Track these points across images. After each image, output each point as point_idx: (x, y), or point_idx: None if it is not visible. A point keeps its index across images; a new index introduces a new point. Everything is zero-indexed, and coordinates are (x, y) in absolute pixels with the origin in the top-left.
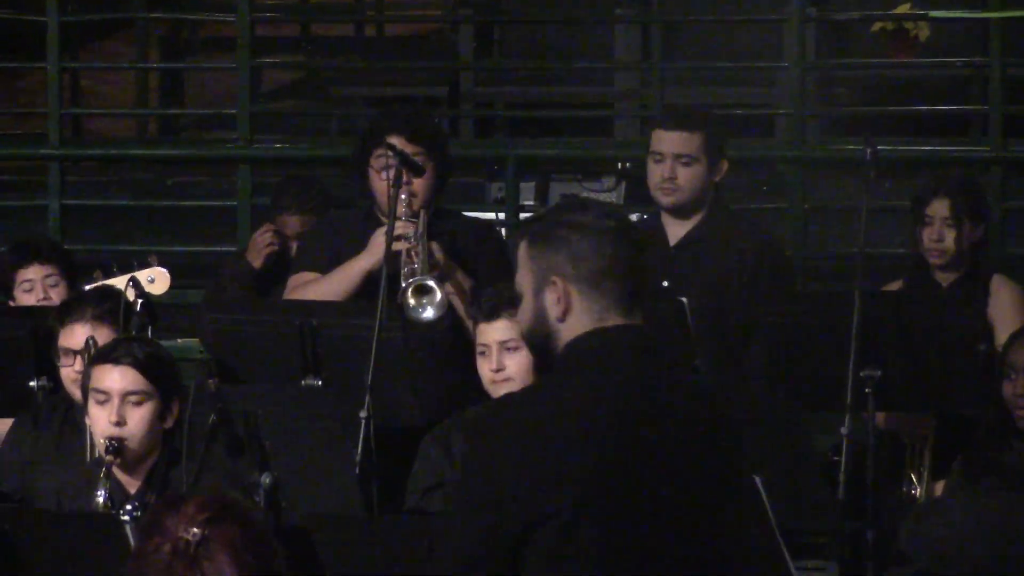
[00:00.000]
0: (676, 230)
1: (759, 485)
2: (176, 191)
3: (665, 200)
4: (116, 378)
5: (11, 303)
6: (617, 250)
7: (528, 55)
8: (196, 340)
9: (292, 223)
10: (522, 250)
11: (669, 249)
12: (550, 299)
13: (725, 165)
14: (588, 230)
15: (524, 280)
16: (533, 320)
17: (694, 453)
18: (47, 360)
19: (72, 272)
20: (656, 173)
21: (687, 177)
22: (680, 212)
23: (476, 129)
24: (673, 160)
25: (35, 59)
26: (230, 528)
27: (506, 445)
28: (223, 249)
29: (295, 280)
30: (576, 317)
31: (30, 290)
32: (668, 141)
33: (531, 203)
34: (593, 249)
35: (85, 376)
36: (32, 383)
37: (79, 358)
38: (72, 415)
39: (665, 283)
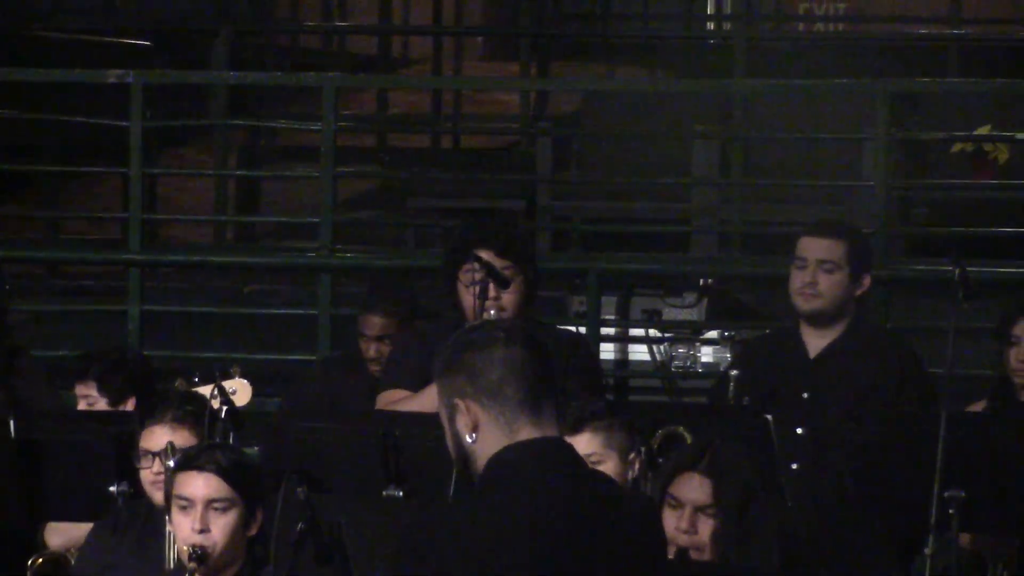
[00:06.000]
0: (816, 342)
1: None
2: (253, 299)
3: (805, 306)
4: (200, 485)
5: None
6: (508, 354)
7: (606, 170)
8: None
9: (374, 324)
10: (437, 387)
11: (809, 361)
12: (460, 423)
13: (868, 280)
14: (480, 346)
15: (441, 413)
16: (454, 448)
17: (618, 564)
18: (128, 465)
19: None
20: (797, 279)
21: (828, 284)
22: (819, 320)
23: (552, 243)
24: (816, 266)
25: (108, 164)
26: None
27: (429, 563)
28: (301, 358)
29: (384, 398)
30: (487, 433)
31: (90, 406)
32: (812, 247)
33: (612, 318)
34: (487, 361)
35: (168, 483)
36: (112, 488)
37: (158, 460)
38: (152, 520)
39: (805, 395)
